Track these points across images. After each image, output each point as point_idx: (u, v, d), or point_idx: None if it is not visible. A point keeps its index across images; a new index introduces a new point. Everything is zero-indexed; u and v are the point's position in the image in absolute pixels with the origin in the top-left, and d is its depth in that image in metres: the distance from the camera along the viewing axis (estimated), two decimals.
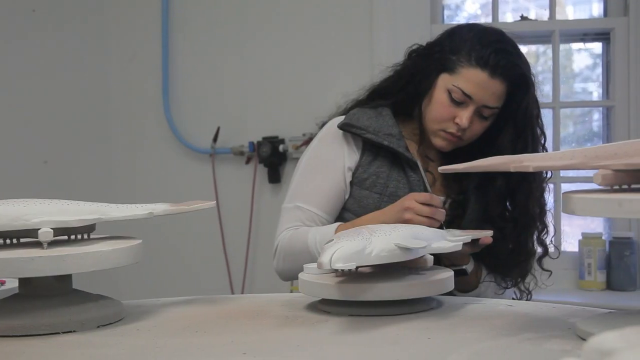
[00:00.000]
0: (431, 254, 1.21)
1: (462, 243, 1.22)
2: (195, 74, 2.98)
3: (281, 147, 2.80)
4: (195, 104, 2.99)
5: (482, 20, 2.75)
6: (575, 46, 2.91)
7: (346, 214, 1.61)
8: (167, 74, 2.96)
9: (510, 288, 1.63)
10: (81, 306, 1.07)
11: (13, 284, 1.29)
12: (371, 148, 1.60)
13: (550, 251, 1.64)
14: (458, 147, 1.60)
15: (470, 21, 2.81)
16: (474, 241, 1.37)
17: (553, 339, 0.92)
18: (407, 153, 1.57)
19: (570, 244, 2.77)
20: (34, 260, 0.99)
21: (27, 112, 2.79)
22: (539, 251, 1.63)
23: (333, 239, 1.07)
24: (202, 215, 2.86)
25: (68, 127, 2.92)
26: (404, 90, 1.62)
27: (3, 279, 1.32)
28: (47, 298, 1.06)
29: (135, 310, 1.18)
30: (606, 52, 2.76)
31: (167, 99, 2.96)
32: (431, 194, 1.45)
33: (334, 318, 1.09)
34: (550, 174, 1.63)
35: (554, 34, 2.66)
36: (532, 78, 1.58)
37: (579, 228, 2.76)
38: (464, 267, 1.52)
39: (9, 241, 1.09)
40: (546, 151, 1.63)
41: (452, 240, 1.23)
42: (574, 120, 2.98)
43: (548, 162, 0.94)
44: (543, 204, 1.59)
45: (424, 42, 1.67)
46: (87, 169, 2.97)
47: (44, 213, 1.07)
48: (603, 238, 2.63)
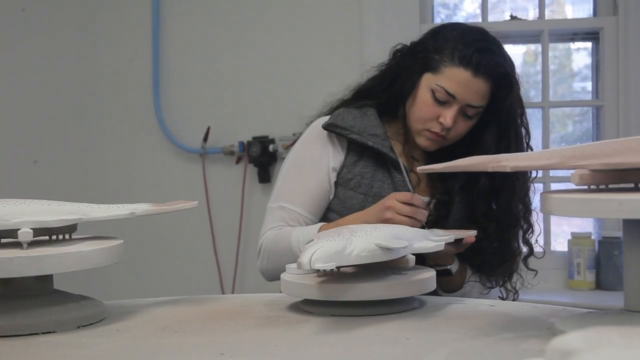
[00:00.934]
0: (414, 254, 1.21)
1: (444, 243, 1.22)
2: (185, 74, 2.98)
3: (271, 147, 2.80)
4: (185, 103, 2.98)
5: (481, 20, 2.75)
6: (574, 45, 2.91)
7: (331, 214, 1.61)
8: (158, 74, 2.96)
9: (495, 287, 1.63)
10: (61, 307, 1.07)
11: None
12: (356, 148, 1.60)
13: (537, 251, 1.64)
14: (443, 146, 1.60)
15: (469, 21, 2.80)
16: (458, 241, 1.37)
17: (531, 339, 0.92)
18: (392, 153, 1.57)
19: (560, 243, 2.77)
20: (12, 261, 0.99)
21: (16, 111, 2.79)
22: (524, 251, 1.63)
23: (313, 239, 1.07)
24: (192, 215, 2.88)
25: (58, 126, 2.91)
26: (388, 90, 1.62)
27: None
28: (26, 298, 1.06)
29: (118, 310, 1.17)
30: (596, 52, 2.77)
31: (157, 99, 2.95)
32: (412, 194, 1.44)
33: (315, 318, 1.09)
34: (535, 173, 1.63)
35: (543, 33, 2.66)
36: (516, 77, 1.58)
37: (568, 227, 2.77)
38: (448, 267, 1.52)
39: None
40: (531, 150, 1.63)
41: (435, 240, 1.22)
42: (572, 119, 2.98)
43: (526, 162, 0.94)
44: (528, 203, 1.59)
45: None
46: (78, 169, 2.97)
47: (24, 213, 1.07)
48: (592, 238, 2.63)
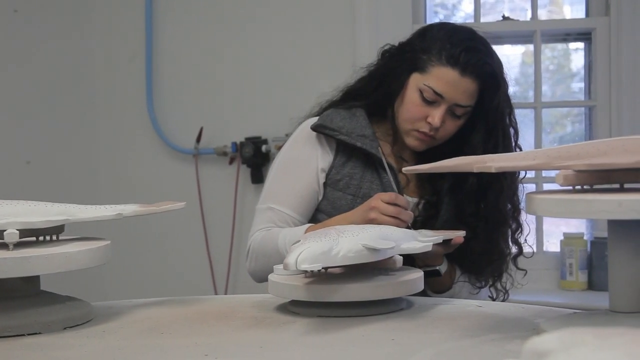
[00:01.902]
0: (404, 255, 1.21)
1: (432, 244, 1.21)
2: (178, 75, 2.98)
3: (264, 148, 2.80)
4: (178, 104, 2.98)
5: (480, 20, 2.75)
6: (573, 45, 2.90)
7: (320, 215, 1.61)
8: (151, 75, 2.96)
9: (484, 287, 1.63)
10: (48, 308, 1.07)
11: None
12: (344, 149, 1.60)
13: (526, 250, 1.64)
14: (432, 146, 1.60)
15: (467, 21, 2.81)
16: (447, 242, 1.37)
17: (516, 339, 0.92)
18: (380, 154, 1.57)
19: (553, 244, 2.78)
20: None
21: (9, 112, 2.78)
22: (514, 250, 1.63)
23: (300, 240, 1.07)
24: (185, 216, 2.88)
25: (51, 127, 2.91)
26: (377, 90, 1.62)
27: None
28: (13, 300, 1.06)
29: (105, 311, 1.17)
30: (589, 52, 2.77)
31: (150, 100, 2.95)
32: (397, 194, 1.44)
33: (302, 319, 1.09)
34: (524, 173, 1.63)
35: (535, 34, 2.66)
36: (504, 77, 1.58)
37: (565, 228, 2.77)
38: (437, 267, 1.52)
39: None
40: (520, 149, 1.63)
41: (423, 241, 1.22)
42: (571, 119, 2.98)
43: (511, 162, 0.94)
44: (516, 202, 1.59)
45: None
46: (71, 170, 2.96)
47: (10, 214, 1.07)
48: (584, 238, 2.64)
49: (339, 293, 1.08)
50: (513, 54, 2.95)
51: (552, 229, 2.81)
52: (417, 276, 1.16)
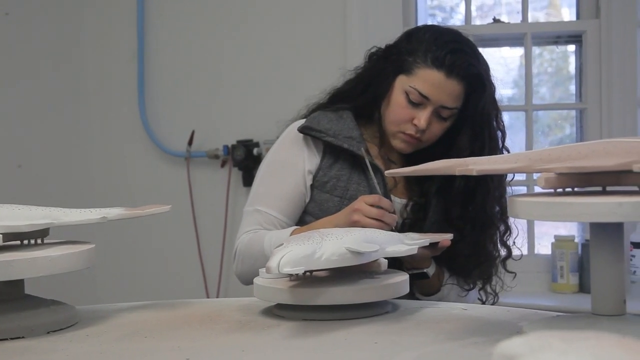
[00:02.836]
0: (392, 258, 1.21)
1: (417, 247, 1.21)
2: (170, 78, 2.98)
3: (255, 151, 2.80)
4: (170, 107, 2.98)
5: (477, 22, 2.76)
6: (571, 48, 2.91)
7: (307, 217, 1.61)
8: (143, 78, 2.95)
9: (472, 289, 1.63)
10: (31, 312, 1.07)
11: None
12: (332, 151, 1.60)
13: (515, 253, 1.64)
14: (419, 149, 1.60)
15: (465, 24, 2.81)
16: (434, 244, 1.37)
17: (498, 343, 0.92)
18: (367, 156, 1.57)
19: (544, 246, 2.78)
20: None
21: (0, 115, 2.77)
22: (503, 253, 1.63)
23: (283, 243, 1.07)
24: (177, 219, 2.88)
25: (43, 130, 2.90)
26: (364, 93, 1.62)
27: None
28: None
29: (91, 315, 1.17)
30: (579, 55, 2.78)
31: (142, 103, 2.95)
32: (380, 197, 1.44)
33: (287, 323, 1.09)
34: (512, 175, 1.63)
35: (525, 36, 2.67)
36: (491, 79, 1.58)
37: (555, 230, 2.76)
38: (425, 270, 1.52)
39: None
40: (508, 151, 1.63)
41: (409, 244, 1.22)
42: (570, 121, 2.98)
43: (492, 165, 0.94)
44: (504, 204, 1.59)
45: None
46: (62, 173, 2.96)
47: None
48: (575, 241, 2.64)
49: (323, 296, 1.08)
50: (511, 56, 2.96)
51: (544, 231, 2.81)
52: (401, 279, 1.16)
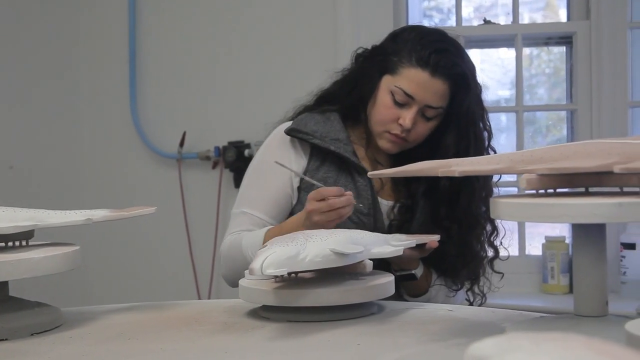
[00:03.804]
0: (379, 259, 1.21)
1: (402, 248, 1.21)
2: (162, 79, 2.97)
3: (247, 152, 2.80)
4: (162, 109, 2.98)
5: (474, 23, 2.75)
6: (560, 49, 2.91)
7: None
8: (135, 79, 2.95)
9: (460, 290, 1.63)
10: (15, 314, 1.07)
11: None
12: (318, 153, 1.60)
13: (502, 253, 1.64)
14: (405, 149, 1.60)
15: (463, 25, 2.81)
16: (421, 245, 1.37)
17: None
18: (354, 158, 1.57)
19: (535, 247, 2.78)
20: None
21: None
22: (490, 253, 1.63)
23: (267, 245, 1.07)
24: (169, 221, 2.88)
25: (34, 131, 2.90)
26: (350, 94, 1.62)
27: None
28: None
29: (76, 317, 1.17)
30: (570, 56, 2.78)
31: (134, 104, 2.95)
32: (320, 189, 1.40)
33: (271, 324, 1.09)
34: (499, 176, 1.63)
35: (516, 37, 2.67)
36: (476, 79, 1.58)
37: (545, 230, 2.77)
38: (412, 271, 1.52)
39: None
40: (494, 152, 1.63)
41: (395, 245, 1.22)
42: (567, 123, 2.99)
43: (475, 166, 0.94)
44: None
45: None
46: (54, 174, 2.95)
47: None
48: (566, 242, 2.64)
49: (307, 298, 1.08)
50: (508, 57, 2.96)
51: (535, 232, 2.81)
52: (386, 280, 1.16)
